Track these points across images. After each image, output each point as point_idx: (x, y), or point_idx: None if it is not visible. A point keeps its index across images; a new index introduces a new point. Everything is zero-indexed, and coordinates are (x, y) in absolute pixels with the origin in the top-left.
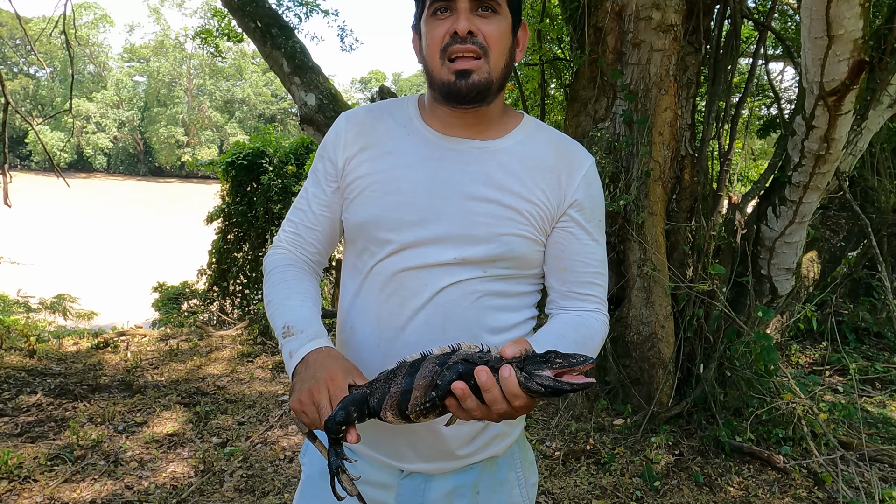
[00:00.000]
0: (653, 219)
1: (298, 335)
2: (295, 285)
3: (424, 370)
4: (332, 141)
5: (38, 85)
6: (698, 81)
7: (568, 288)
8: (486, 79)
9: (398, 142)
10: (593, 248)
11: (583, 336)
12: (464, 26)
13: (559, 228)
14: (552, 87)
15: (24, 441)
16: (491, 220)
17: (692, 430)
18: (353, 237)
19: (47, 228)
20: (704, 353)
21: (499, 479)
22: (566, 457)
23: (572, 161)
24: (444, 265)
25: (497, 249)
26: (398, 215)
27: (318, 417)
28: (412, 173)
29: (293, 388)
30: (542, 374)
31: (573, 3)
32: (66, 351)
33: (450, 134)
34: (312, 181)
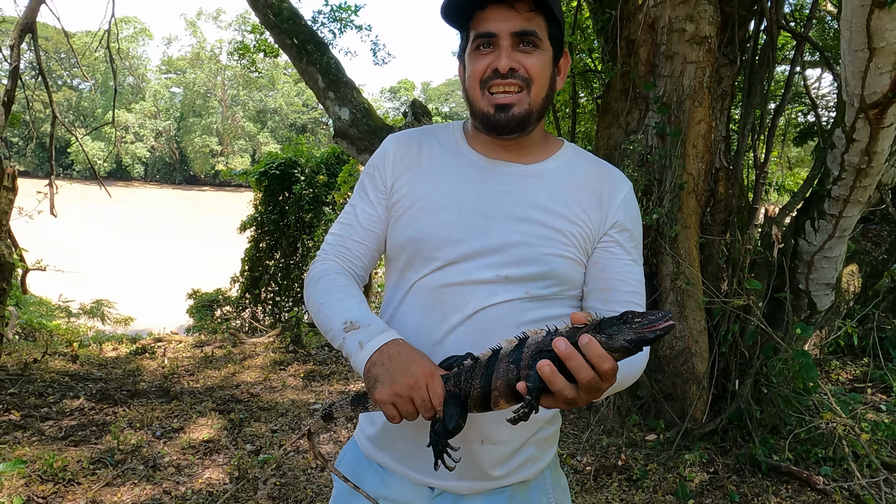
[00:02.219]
0: (686, 232)
1: (366, 328)
2: (348, 290)
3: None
4: (380, 160)
5: (80, 97)
6: (733, 93)
7: (610, 307)
8: (527, 110)
9: (444, 163)
10: (633, 269)
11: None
12: (505, 64)
13: (600, 249)
14: (582, 97)
15: (67, 444)
16: (535, 239)
17: (727, 447)
18: (396, 254)
19: (87, 235)
20: (740, 369)
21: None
22: (597, 472)
23: (612, 184)
24: (487, 282)
25: (540, 269)
26: (443, 233)
27: (413, 410)
28: (457, 193)
29: (377, 380)
30: (624, 334)
31: (605, 16)
32: (107, 356)
33: (493, 157)
34: (360, 198)
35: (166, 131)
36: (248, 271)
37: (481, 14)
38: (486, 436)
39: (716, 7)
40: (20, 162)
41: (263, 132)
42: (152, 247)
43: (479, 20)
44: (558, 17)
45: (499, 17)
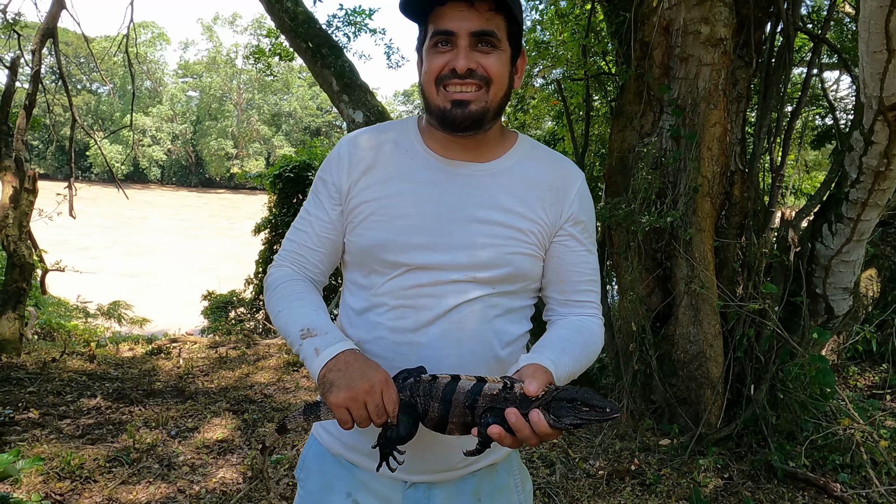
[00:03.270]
0: (701, 235)
1: (323, 335)
2: (306, 296)
3: (455, 409)
4: (335, 164)
5: (99, 100)
6: (749, 95)
7: (566, 297)
8: (484, 108)
9: (402, 166)
10: (588, 259)
11: (585, 339)
12: (463, 65)
13: (556, 242)
14: (596, 100)
15: (84, 443)
16: (498, 241)
17: (742, 453)
18: (359, 259)
19: (104, 237)
20: (755, 374)
21: (499, 486)
22: (610, 476)
23: (567, 178)
24: (457, 282)
25: (505, 269)
26: (406, 239)
27: (366, 415)
28: (418, 198)
29: (331, 384)
30: (568, 418)
31: (619, 18)
32: (123, 356)
33: (451, 157)
34: (314, 203)
35: (183, 134)
36: (262, 273)
37: (440, 10)
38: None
39: (731, 9)
40: (40, 165)
41: (278, 135)
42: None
43: (439, 16)
44: (518, 18)
45: (458, 15)
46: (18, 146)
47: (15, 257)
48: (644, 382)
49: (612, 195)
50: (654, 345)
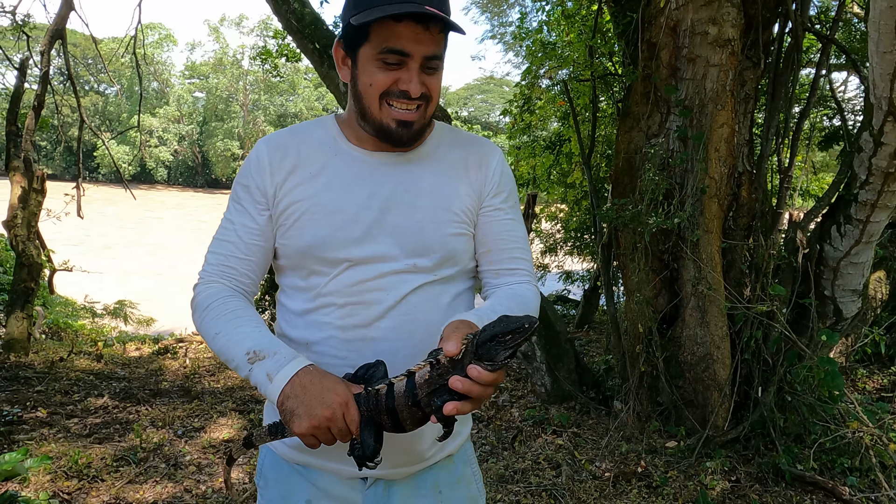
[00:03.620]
0: (708, 237)
1: (272, 357)
2: (243, 314)
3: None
4: (256, 168)
5: (106, 101)
6: (756, 96)
7: (497, 266)
8: (423, 125)
9: (328, 163)
10: (514, 227)
11: (518, 304)
12: (417, 89)
13: (482, 215)
14: (602, 101)
15: (92, 442)
16: (431, 224)
17: (749, 455)
18: (297, 261)
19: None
20: (763, 376)
21: (457, 476)
22: (616, 478)
23: (484, 153)
24: (400, 272)
25: (443, 252)
26: (345, 234)
27: (332, 439)
28: (349, 192)
29: (292, 413)
30: (502, 354)
31: (625, 19)
32: (130, 356)
33: (375, 150)
34: (238, 211)
35: (189, 135)
36: (267, 274)
37: (394, 27)
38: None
39: (739, 9)
40: (48, 165)
41: None
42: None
43: (391, 32)
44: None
45: (413, 37)
46: (27, 147)
47: (23, 257)
48: (650, 384)
49: (618, 196)
50: (660, 346)
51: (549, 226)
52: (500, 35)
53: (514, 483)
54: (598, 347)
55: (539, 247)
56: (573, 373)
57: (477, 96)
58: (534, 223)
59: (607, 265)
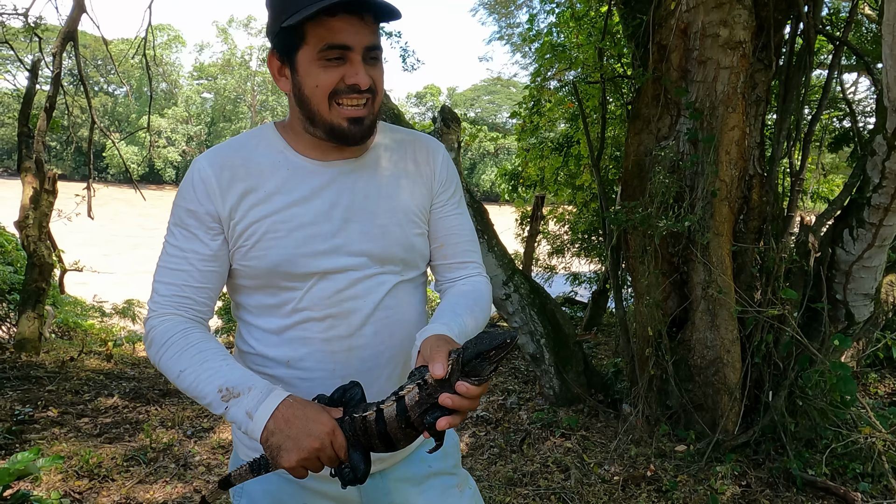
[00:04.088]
0: (718, 240)
1: (247, 393)
2: (205, 347)
3: (396, 434)
4: (202, 192)
5: (115, 102)
6: (768, 98)
7: (449, 260)
8: (373, 120)
9: (281, 179)
10: (462, 221)
11: (474, 299)
12: (366, 80)
13: (433, 211)
14: (611, 103)
15: (102, 441)
16: (394, 227)
17: (760, 460)
18: (263, 281)
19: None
20: (774, 381)
21: (442, 450)
22: (625, 482)
23: (429, 150)
24: (371, 276)
25: (407, 253)
26: (311, 248)
27: (321, 467)
28: (309, 205)
29: (279, 448)
30: (487, 369)
31: (635, 21)
32: (139, 356)
33: (327, 159)
34: (185, 237)
35: (197, 136)
36: None
37: (329, 22)
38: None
39: (750, 11)
40: (58, 166)
41: None
42: None
43: (326, 29)
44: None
45: (351, 29)
46: (38, 147)
47: (35, 257)
48: (660, 388)
49: (627, 199)
50: (670, 350)
51: (557, 227)
52: (507, 36)
53: (523, 486)
54: (607, 350)
55: (546, 248)
56: (581, 375)
57: (484, 97)
58: (541, 224)
59: (616, 268)
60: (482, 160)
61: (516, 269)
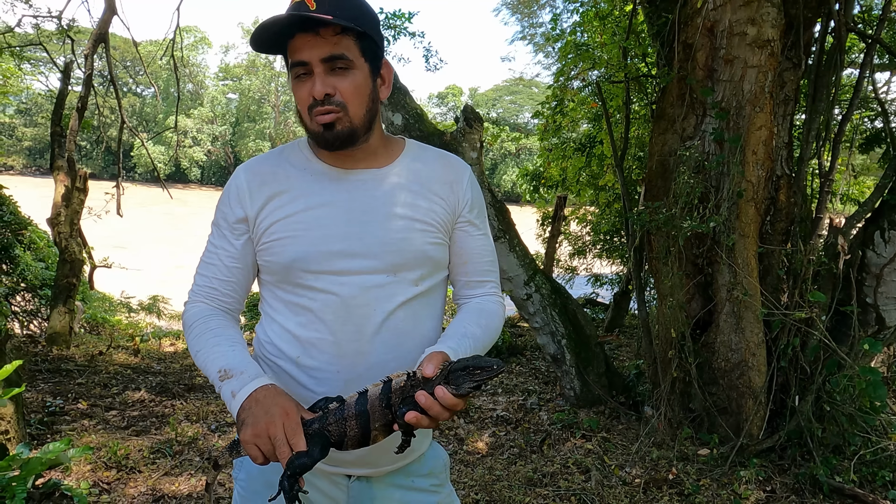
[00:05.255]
0: (744, 241)
1: (238, 376)
2: (221, 332)
3: (374, 414)
4: (235, 195)
5: (143, 103)
6: (797, 98)
7: (469, 278)
8: (349, 128)
9: (305, 184)
10: (486, 242)
11: (486, 321)
12: (319, 90)
13: (457, 230)
14: (634, 102)
15: (130, 434)
16: (410, 233)
17: (785, 465)
18: (282, 276)
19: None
20: (800, 385)
21: (427, 469)
22: (647, 485)
23: (456, 170)
24: (383, 286)
25: (421, 259)
26: (326, 248)
27: (272, 449)
28: (328, 209)
29: (243, 423)
30: (467, 384)
31: (660, 20)
32: (165, 351)
33: (348, 167)
34: (218, 235)
35: (222, 136)
36: None
37: (291, 43)
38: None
39: (779, 9)
40: (87, 165)
41: None
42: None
43: (292, 49)
44: (369, 32)
45: (307, 44)
46: (70, 147)
47: (66, 253)
48: (682, 390)
49: (651, 199)
50: (693, 352)
51: (578, 228)
52: (529, 36)
53: (543, 486)
54: (628, 352)
55: (567, 249)
56: (603, 377)
57: (506, 98)
58: (563, 225)
59: (639, 269)
60: (503, 160)
61: (538, 269)
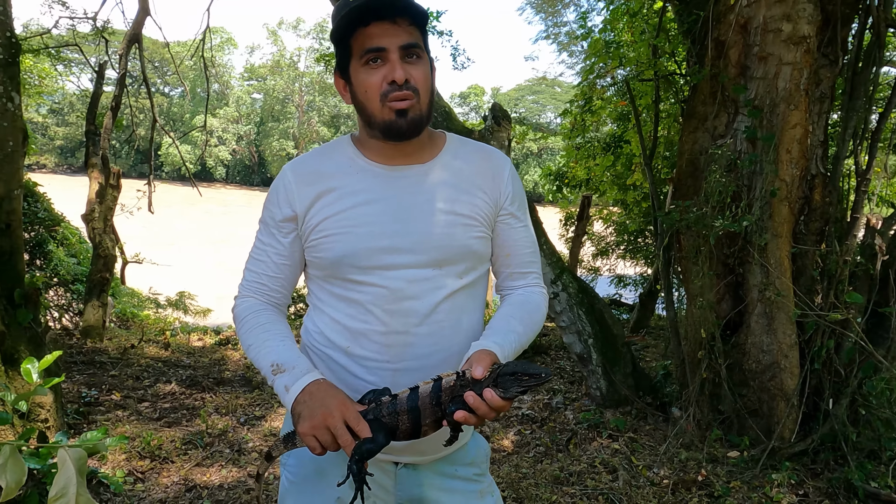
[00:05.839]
0: (777, 241)
1: (291, 370)
2: (271, 327)
3: (426, 410)
4: (282, 194)
5: (170, 102)
6: (833, 95)
7: (512, 269)
8: (419, 114)
9: (352, 181)
10: (527, 233)
11: (529, 311)
12: (401, 75)
13: (500, 222)
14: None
15: (162, 425)
16: (453, 228)
17: (818, 469)
18: (331, 272)
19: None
20: (834, 388)
21: (469, 459)
22: (675, 486)
23: (497, 163)
24: (428, 279)
25: (464, 253)
26: (373, 244)
27: (330, 439)
28: (374, 206)
29: (300, 416)
30: (514, 389)
31: (691, 17)
32: (194, 345)
33: (393, 164)
34: (266, 233)
35: (247, 135)
36: None
37: (364, 31)
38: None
39: (816, 5)
40: (116, 163)
41: (337, 136)
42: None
43: (364, 37)
44: (425, 30)
45: (384, 32)
46: (104, 145)
47: (100, 249)
48: (712, 391)
49: (681, 198)
50: (723, 353)
51: (602, 228)
52: (554, 35)
53: (570, 485)
54: (655, 353)
55: (590, 250)
56: (629, 377)
57: (528, 97)
58: (587, 225)
59: (667, 269)
60: (525, 160)
61: (564, 268)
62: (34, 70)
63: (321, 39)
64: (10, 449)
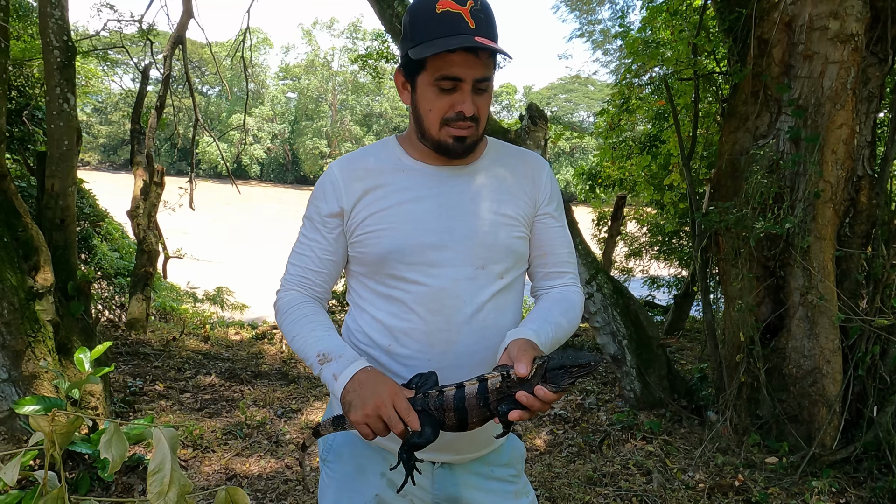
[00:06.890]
0: (821, 243)
1: (338, 359)
2: (315, 318)
3: (472, 411)
4: (329, 190)
5: (208, 102)
6: (882, 95)
7: (549, 269)
8: (475, 140)
9: (398, 179)
10: (564, 234)
11: (565, 308)
12: (470, 109)
13: (537, 221)
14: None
15: (203, 416)
16: (496, 227)
17: (861, 478)
18: (375, 268)
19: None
20: (879, 395)
21: (504, 459)
22: (711, 490)
23: (536, 165)
24: (472, 278)
25: (507, 252)
26: (418, 240)
27: (383, 428)
28: (420, 203)
29: (351, 405)
30: (565, 381)
31: (732, 15)
32: (232, 339)
33: (438, 164)
34: (310, 228)
35: (281, 134)
36: None
37: (447, 56)
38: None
39: (865, 2)
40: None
41: (369, 135)
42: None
43: (444, 61)
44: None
45: (465, 62)
46: (149, 144)
47: (144, 244)
48: (750, 396)
49: (720, 199)
50: (762, 357)
51: (635, 229)
52: (588, 33)
53: (603, 486)
54: (690, 355)
55: (623, 250)
56: (664, 379)
57: (560, 96)
58: (621, 226)
59: (704, 270)
60: (557, 159)
61: (599, 268)
62: (81, 71)
63: (354, 39)
64: (114, 426)
